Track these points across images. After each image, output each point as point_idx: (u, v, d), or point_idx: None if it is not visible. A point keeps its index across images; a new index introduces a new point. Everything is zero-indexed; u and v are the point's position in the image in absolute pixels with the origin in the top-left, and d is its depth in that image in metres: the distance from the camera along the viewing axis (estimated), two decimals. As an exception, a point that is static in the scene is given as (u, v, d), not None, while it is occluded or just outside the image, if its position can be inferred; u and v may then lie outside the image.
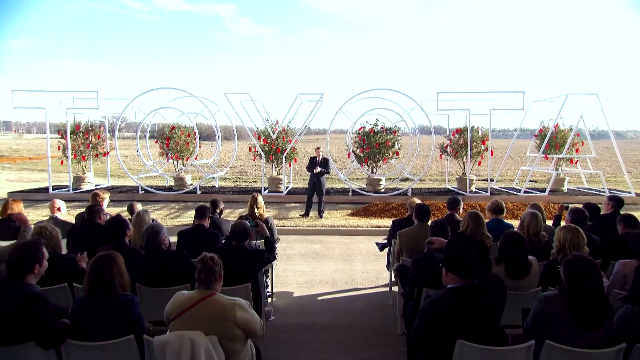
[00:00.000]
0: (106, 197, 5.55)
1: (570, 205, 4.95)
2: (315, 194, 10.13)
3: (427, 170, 15.29)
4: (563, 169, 13.77)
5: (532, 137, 14.77)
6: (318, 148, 10.23)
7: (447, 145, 13.75)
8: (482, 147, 13.19)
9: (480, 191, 13.02)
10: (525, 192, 12.63)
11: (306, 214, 10.14)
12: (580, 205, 5.03)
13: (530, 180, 14.22)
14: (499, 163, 18.29)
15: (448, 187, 14.58)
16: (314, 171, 9.91)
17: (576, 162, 13.68)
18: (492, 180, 13.61)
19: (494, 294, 2.75)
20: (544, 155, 13.19)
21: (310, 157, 10.34)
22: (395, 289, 5.15)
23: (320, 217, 10.00)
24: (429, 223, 4.16)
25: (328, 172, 10.17)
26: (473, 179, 13.33)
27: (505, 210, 5.24)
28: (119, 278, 2.72)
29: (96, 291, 2.68)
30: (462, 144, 13.15)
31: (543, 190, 12.86)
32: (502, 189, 13.68)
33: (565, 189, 13.34)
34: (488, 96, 13.19)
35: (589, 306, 2.50)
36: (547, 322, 2.62)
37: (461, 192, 12.73)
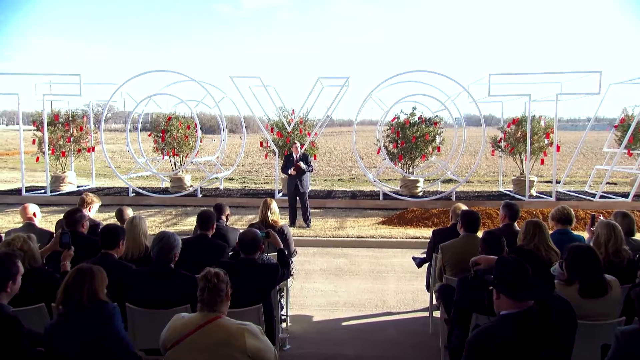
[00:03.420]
0: (95, 201, 5.61)
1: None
2: (298, 199, 10.21)
3: (475, 170, 15.12)
4: (652, 169, 13.40)
5: (610, 129, 14.44)
6: (295, 144, 10.34)
7: (501, 139, 13.56)
8: (546, 141, 12.93)
9: (542, 196, 12.79)
10: (601, 197, 12.32)
11: (292, 224, 10.17)
12: None
13: (608, 183, 13.87)
14: (567, 161, 17.95)
15: (502, 190, 14.39)
16: (289, 173, 9.96)
17: (669, 160, 13.29)
18: (557, 182, 13.35)
19: (560, 321, 2.70)
20: (626, 151, 12.86)
21: (286, 155, 10.55)
22: (436, 314, 5.12)
23: (307, 225, 10.06)
24: (480, 234, 4.12)
25: (310, 170, 10.17)
26: (534, 181, 13.11)
27: (575, 219, 5.12)
28: (89, 294, 2.77)
29: (66, 309, 2.74)
30: (519, 137, 12.95)
31: (625, 195, 12.52)
32: (571, 193, 13.41)
33: (654, 193, 12.98)
34: (554, 78, 12.97)
35: None
36: None
37: (518, 196, 12.54)
